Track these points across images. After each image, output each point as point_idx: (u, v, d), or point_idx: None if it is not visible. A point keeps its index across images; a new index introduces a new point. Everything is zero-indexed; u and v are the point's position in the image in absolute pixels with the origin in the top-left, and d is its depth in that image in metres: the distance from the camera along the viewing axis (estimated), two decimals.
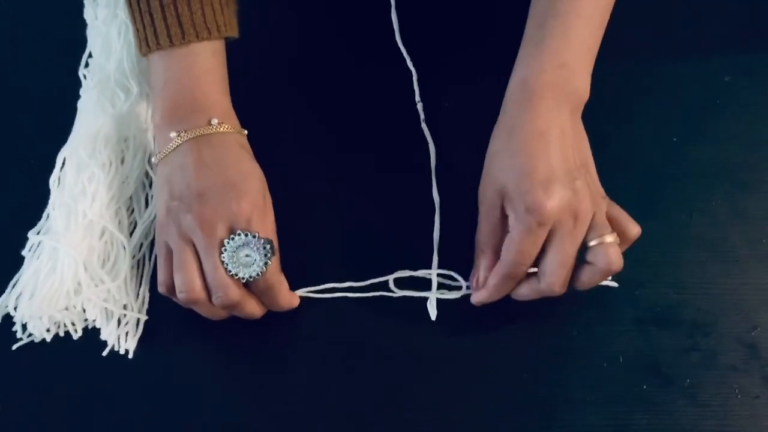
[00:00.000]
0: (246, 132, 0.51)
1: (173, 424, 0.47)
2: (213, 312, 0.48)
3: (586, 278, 0.47)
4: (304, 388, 0.48)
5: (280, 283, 0.48)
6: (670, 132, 0.57)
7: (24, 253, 0.52)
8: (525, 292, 0.48)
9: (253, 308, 0.48)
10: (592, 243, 0.46)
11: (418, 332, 0.49)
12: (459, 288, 0.50)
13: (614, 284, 0.50)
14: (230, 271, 0.45)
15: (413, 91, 0.59)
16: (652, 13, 0.64)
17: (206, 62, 0.50)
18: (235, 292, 0.46)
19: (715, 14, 0.63)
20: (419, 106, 0.58)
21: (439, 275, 0.51)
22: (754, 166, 0.55)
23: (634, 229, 0.47)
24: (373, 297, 0.50)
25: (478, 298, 0.49)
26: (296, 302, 0.49)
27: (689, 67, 0.60)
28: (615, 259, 0.45)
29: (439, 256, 0.51)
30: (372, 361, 0.48)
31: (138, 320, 0.50)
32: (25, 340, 0.50)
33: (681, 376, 0.47)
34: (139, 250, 0.53)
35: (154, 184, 0.49)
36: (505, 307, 0.50)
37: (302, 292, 0.50)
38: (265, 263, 0.46)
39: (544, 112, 0.46)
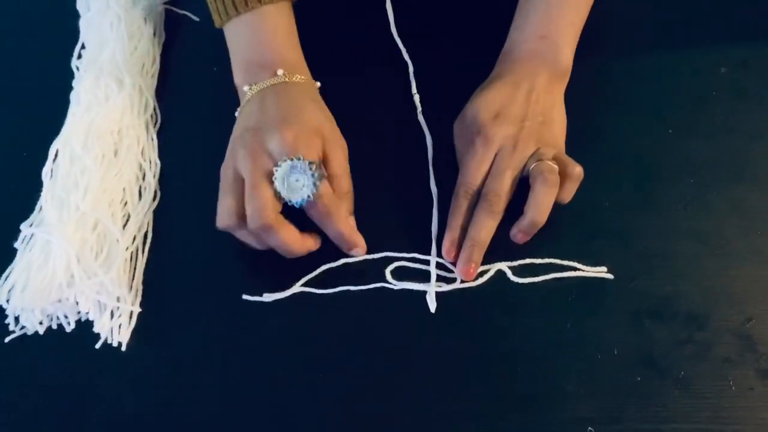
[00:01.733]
0: (318, 84, 0.54)
1: (166, 417, 0.47)
2: (250, 239, 0.49)
3: (532, 197, 0.49)
4: (300, 381, 0.47)
5: (337, 206, 0.49)
6: (665, 124, 0.57)
7: (16, 245, 0.52)
8: (477, 222, 0.50)
9: (289, 237, 0.48)
10: (531, 167, 0.50)
11: (414, 324, 0.49)
12: (455, 279, 0.50)
13: (610, 276, 0.50)
14: (284, 198, 0.47)
15: (410, 83, 0.59)
16: (648, 4, 0.64)
17: (271, 22, 0.53)
18: (271, 214, 0.47)
19: (712, 6, 0.63)
20: (416, 98, 0.58)
21: (436, 266, 0.51)
22: (750, 158, 0.55)
23: (575, 168, 0.50)
24: (371, 288, 0.50)
25: (447, 237, 0.51)
26: (358, 238, 0.50)
27: (685, 59, 0.60)
28: (546, 169, 0.49)
29: (437, 248, 0.51)
30: (367, 352, 0.48)
31: (131, 313, 0.50)
32: (18, 333, 0.49)
33: (675, 368, 0.47)
34: (132, 242, 0.53)
35: None
36: (499, 298, 0.50)
37: (297, 286, 0.50)
38: (314, 183, 0.47)
39: (521, 72, 0.53)
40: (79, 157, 0.54)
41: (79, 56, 0.61)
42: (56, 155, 0.55)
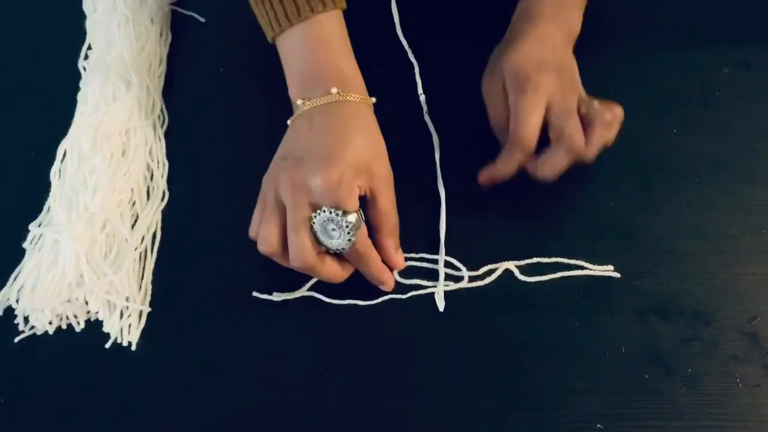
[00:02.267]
0: (373, 100, 0.53)
1: (176, 417, 0.47)
2: (290, 265, 0.48)
3: (590, 136, 0.51)
4: (309, 379, 0.48)
5: (368, 256, 0.48)
6: (669, 123, 0.57)
7: (25, 245, 0.52)
8: (552, 161, 0.51)
9: (330, 273, 0.48)
10: (583, 110, 0.51)
11: (422, 323, 0.49)
12: (462, 278, 0.50)
13: (616, 274, 0.50)
14: (321, 242, 0.47)
15: (415, 83, 0.59)
16: (651, 4, 0.64)
17: (325, 32, 0.52)
18: (310, 257, 0.47)
19: (714, 5, 0.64)
20: (422, 98, 0.58)
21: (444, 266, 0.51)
22: (754, 157, 0.56)
23: (617, 109, 0.52)
24: (378, 296, 0.50)
25: (490, 171, 0.52)
26: (387, 277, 0.50)
27: (688, 59, 0.61)
28: (604, 109, 0.51)
29: (444, 248, 0.51)
30: (376, 351, 0.48)
31: (141, 312, 0.50)
32: (27, 333, 0.49)
33: (682, 365, 0.47)
34: (141, 242, 0.53)
35: None
36: (508, 297, 0.50)
37: (305, 289, 0.50)
38: (348, 239, 0.46)
39: (541, 31, 0.54)
40: (88, 156, 0.54)
41: (86, 57, 0.61)
42: (64, 155, 0.55)
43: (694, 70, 0.60)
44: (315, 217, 0.46)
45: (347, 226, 0.46)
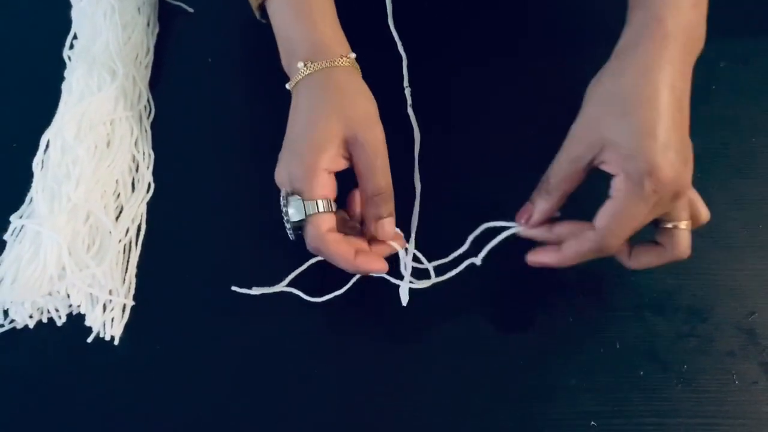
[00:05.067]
0: (351, 56, 0.48)
1: (159, 412, 0.46)
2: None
3: (651, 259, 0.45)
4: (292, 374, 0.47)
5: (325, 252, 0.44)
6: None
7: (6, 237, 0.51)
8: (574, 249, 0.43)
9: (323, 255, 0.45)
10: (668, 225, 0.43)
11: (412, 319, 0.48)
12: (427, 273, 0.48)
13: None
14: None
15: (402, 75, 0.58)
16: None
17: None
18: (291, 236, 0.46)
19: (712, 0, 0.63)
20: (407, 92, 0.57)
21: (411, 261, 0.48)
22: (750, 152, 0.55)
23: (705, 214, 0.45)
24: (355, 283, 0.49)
25: (545, 258, 0.45)
26: (366, 268, 0.45)
27: None
28: (686, 247, 0.44)
29: (415, 243, 0.50)
30: (365, 349, 0.47)
31: (124, 306, 0.49)
32: (7, 327, 0.48)
33: (678, 362, 0.47)
34: (126, 234, 0.51)
35: None
36: (500, 293, 0.49)
37: (283, 284, 0.49)
38: (290, 227, 0.44)
39: (676, 63, 0.43)
40: (71, 147, 0.52)
41: (71, 46, 0.59)
42: (47, 146, 0.53)
43: None
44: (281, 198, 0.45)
45: (288, 214, 0.44)
